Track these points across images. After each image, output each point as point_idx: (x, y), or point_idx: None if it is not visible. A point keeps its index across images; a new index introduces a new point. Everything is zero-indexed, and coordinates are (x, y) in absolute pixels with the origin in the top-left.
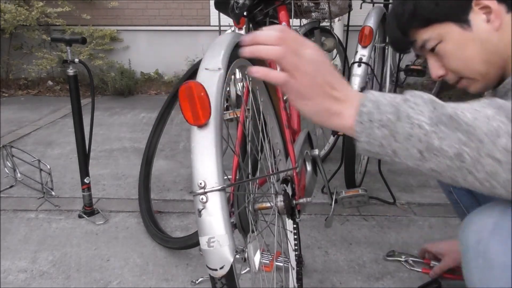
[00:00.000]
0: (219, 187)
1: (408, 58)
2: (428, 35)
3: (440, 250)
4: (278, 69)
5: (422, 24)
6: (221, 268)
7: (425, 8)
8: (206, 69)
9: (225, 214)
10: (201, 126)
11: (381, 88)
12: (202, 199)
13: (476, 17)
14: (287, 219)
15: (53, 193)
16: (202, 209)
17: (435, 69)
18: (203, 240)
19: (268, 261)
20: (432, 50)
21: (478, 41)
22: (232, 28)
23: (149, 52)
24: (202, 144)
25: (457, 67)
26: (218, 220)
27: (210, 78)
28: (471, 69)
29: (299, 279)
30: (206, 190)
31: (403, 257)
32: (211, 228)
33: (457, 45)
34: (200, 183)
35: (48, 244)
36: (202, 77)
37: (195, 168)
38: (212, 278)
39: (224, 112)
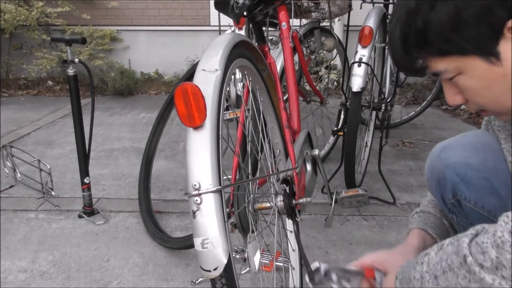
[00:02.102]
0: (214, 189)
1: None
2: (443, 66)
3: (382, 263)
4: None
5: (435, 52)
6: (215, 269)
7: (440, 36)
8: (203, 70)
9: (220, 216)
10: (197, 127)
11: (381, 88)
12: (196, 200)
13: (508, 46)
14: (287, 219)
15: (53, 193)
16: (196, 210)
17: (452, 96)
18: (197, 242)
19: (268, 261)
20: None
21: (510, 77)
22: (232, 28)
23: (149, 52)
24: (197, 146)
25: (482, 103)
26: (212, 221)
27: (207, 80)
28: (499, 105)
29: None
30: (200, 192)
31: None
32: (205, 229)
33: (483, 82)
34: (195, 185)
35: (48, 244)
36: (199, 78)
37: (190, 170)
38: (212, 278)
39: (224, 112)
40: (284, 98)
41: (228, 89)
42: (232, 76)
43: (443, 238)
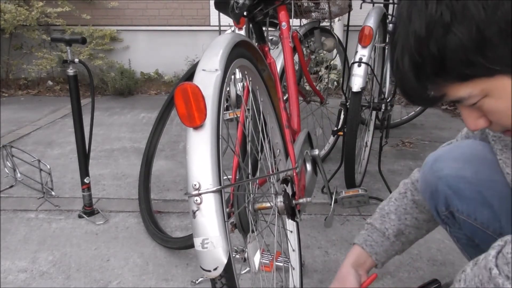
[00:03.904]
0: (214, 189)
1: None
2: (466, 92)
3: None
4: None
5: (456, 79)
6: (215, 269)
7: (461, 61)
8: (203, 70)
9: (220, 216)
10: (197, 127)
11: (381, 88)
12: (196, 200)
13: None
14: (287, 219)
15: (53, 193)
16: (196, 210)
17: (473, 121)
18: (197, 241)
19: (268, 261)
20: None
21: None
22: (232, 28)
23: (149, 52)
24: (197, 146)
25: (510, 123)
26: (212, 221)
27: (207, 80)
28: None
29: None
30: (200, 192)
31: None
32: (205, 229)
33: None
34: (195, 185)
35: (48, 244)
36: (199, 78)
37: (190, 170)
38: (212, 278)
39: (224, 112)
40: (284, 98)
41: (228, 89)
42: (232, 76)
43: (381, 255)
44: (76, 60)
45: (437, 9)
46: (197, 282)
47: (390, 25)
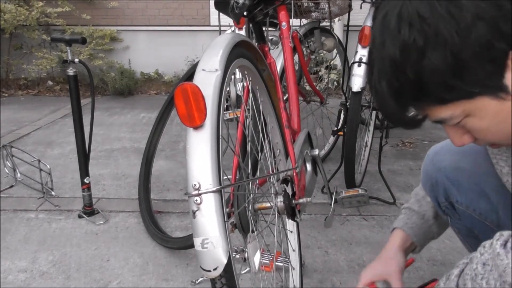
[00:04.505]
0: (213, 189)
1: None
2: (448, 113)
3: (379, 275)
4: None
5: (436, 102)
6: (215, 269)
7: (440, 85)
8: (203, 70)
9: (220, 216)
10: (197, 127)
11: None
12: (196, 200)
13: None
14: (287, 219)
15: (53, 193)
16: (196, 210)
17: (458, 138)
18: (197, 242)
19: (268, 261)
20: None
21: None
22: (232, 28)
23: (149, 52)
24: (197, 146)
25: (494, 139)
26: (212, 221)
27: (207, 80)
28: None
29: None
30: (200, 192)
31: None
32: (205, 229)
33: (494, 120)
34: (195, 185)
35: (48, 244)
36: (199, 78)
37: (190, 170)
38: (212, 278)
39: (224, 112)
40: (284, 98)
41: (228, 89)
42: (232, 76)
43: (421, 238)
44: (76, 60)
45: (410, 35)
46: (197, 282)
47: None
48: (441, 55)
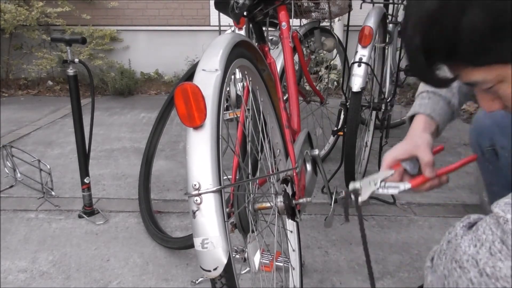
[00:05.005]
0: (214, 189)
1: None
2: (480, 76)
3: (406, 153)
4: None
5: (470, 63)
6: (215, 269)
7: (476, 46)
8: (203, 70)
9: (220, 216)
10: (197, 127)
11: (381, 88)
12: (196, 200)
13: None
14: (287, 219)
15: (53, 193)
16: (196, 210)
17: (488, 104)
18: (197, 241)
19: (268, 261)
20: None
21: None
22: (232, 28)
23: (149, 52)
24: (197, 146)
25: None
26: (212, 221)
27: (207, 80)
28: None
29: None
30: (200, 192)
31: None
32: (205, 229)
33: None
34: (195, 185)
35: (48, 244)
36: (199, 78)
37: (190, 170)
38: (212, 278)
39: (224, 112)
40: (284, 98)
41: (228, 89)
42: (232, 76)
43: (445, 124)
44: (76, 60)
45: None
46: (197, 282)
47: (390, 25)
48: (482, 14)
